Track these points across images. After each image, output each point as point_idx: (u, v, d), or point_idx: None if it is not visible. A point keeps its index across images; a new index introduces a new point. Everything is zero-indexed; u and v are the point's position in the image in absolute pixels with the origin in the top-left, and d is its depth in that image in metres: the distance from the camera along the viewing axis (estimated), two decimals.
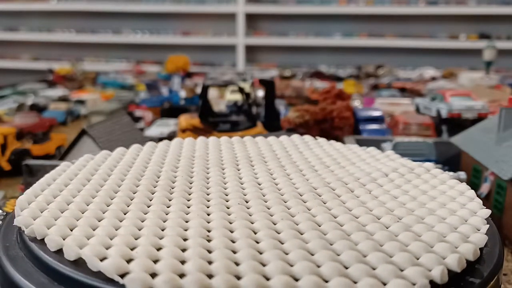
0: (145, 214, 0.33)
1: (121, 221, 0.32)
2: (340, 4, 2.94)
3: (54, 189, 0.37)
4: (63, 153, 0.72)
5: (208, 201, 0.36)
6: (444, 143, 0.74)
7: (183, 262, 0.26)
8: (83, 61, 2.67)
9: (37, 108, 1.25)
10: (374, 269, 0.26)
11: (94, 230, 0.30)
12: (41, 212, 0.33)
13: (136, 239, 0.29)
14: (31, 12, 3.27)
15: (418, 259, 0.27)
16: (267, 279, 0.25)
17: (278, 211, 0.34)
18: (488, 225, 0.33)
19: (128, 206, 0.35)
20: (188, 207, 0.35)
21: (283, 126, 0.91)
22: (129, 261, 0.26)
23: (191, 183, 0.40)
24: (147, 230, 0.30)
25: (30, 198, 0.35)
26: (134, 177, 0.41)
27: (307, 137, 0.57)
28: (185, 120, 0.85)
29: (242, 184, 0.40)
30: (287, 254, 0.28)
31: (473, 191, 0.39)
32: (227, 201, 0.36)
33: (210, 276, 0.25)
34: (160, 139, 0.54)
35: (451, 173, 0.53)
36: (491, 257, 0.30)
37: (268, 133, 0.77)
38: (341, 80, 1.77)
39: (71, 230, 0.30)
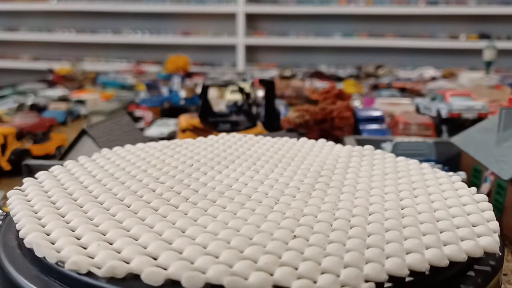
0: (206, 228, 0.30)
1: (183, 235, 0.29)
2: (340, 4, 2.94)
3: (54, 213, 0.32)
4: (63, 153, 0.72)
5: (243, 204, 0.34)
6: (444, 143, 0.74)
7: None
8: (83, 61, 2.67)
9: (37, 108, 1.25)
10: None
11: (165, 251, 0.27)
12: (81, 247, 0.28)
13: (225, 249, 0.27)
14: (31, 12, 3.27)
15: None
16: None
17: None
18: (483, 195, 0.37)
19: (172, 221, 0.31)
20: (253, 210, 0.33)
21: (283, 126, 0.91)
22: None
23: (202, 189, 0.37)
24: (237, 242, 0.28)
25: (39, 231, 0.29)
26: (132, 188, 0.37)
27: (250, 136, 0.55)
28: (185, 120, 0.85)
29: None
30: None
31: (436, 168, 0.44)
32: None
33: None
34: (160, 139, 0.54)
35: (451, 173, 0.53)
36: (491, 257, 0.30)
37: (268, 133, 0.77)
38: (341, 80, 1.77)
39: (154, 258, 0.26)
